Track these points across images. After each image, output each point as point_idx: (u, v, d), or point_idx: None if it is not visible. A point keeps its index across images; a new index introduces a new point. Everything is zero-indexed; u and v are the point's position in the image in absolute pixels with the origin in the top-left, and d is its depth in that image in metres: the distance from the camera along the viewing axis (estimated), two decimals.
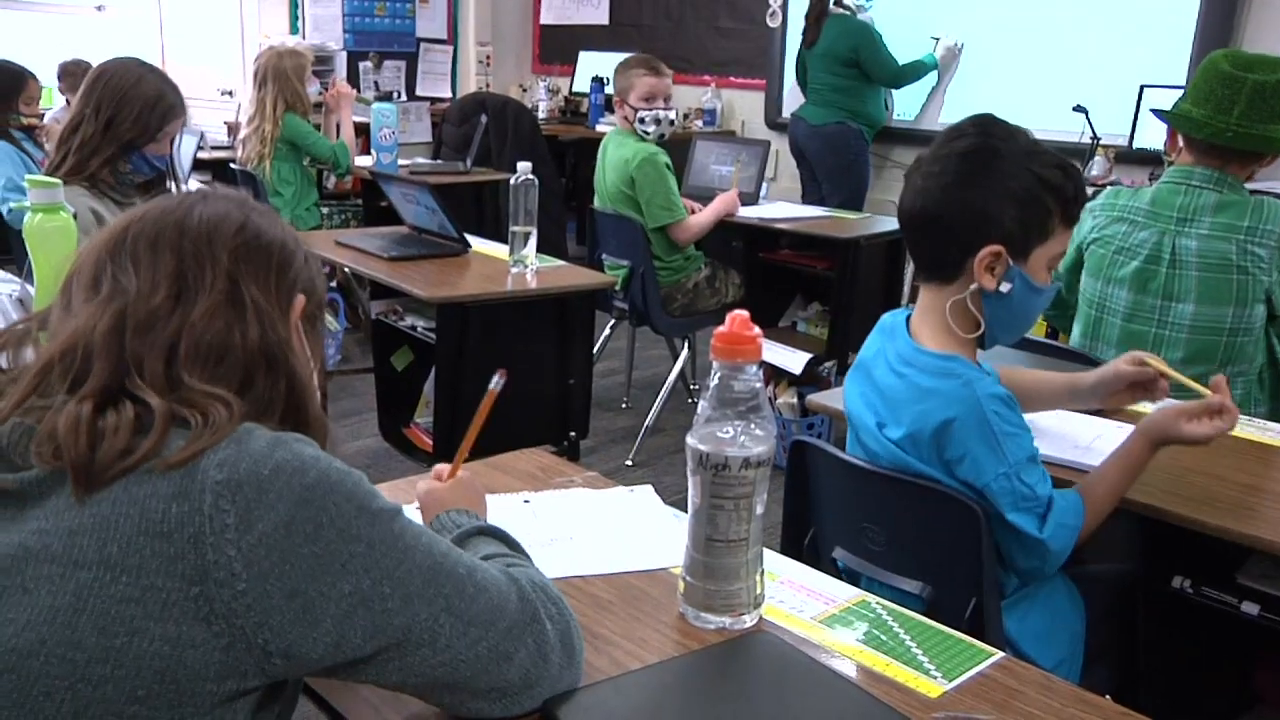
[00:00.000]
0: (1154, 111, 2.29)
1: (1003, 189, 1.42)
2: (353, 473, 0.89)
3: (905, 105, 5.22)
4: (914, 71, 4.91)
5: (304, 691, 1.06)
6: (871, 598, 1.24)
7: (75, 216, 1.82)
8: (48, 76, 4.98)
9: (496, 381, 1.25)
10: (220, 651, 0.82)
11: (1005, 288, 1.45)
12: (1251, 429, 1.84)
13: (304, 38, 6.41)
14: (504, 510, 1.42)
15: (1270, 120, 2.01)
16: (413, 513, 1.32)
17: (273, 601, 0.82)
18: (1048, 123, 4.87)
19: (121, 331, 0.90)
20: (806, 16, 4.92)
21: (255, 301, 0.95)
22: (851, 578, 1.55)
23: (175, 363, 0.90)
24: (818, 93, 4.93)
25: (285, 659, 0.84)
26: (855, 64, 4.77)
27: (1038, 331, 3.37)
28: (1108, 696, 1.09)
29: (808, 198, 5.07)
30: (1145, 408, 1.93)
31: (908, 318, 1.56)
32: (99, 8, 6.44)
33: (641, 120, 3.67)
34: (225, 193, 1.02)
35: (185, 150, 4.94)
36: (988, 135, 1.45)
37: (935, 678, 1.07)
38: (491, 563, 1.01)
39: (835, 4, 4.83)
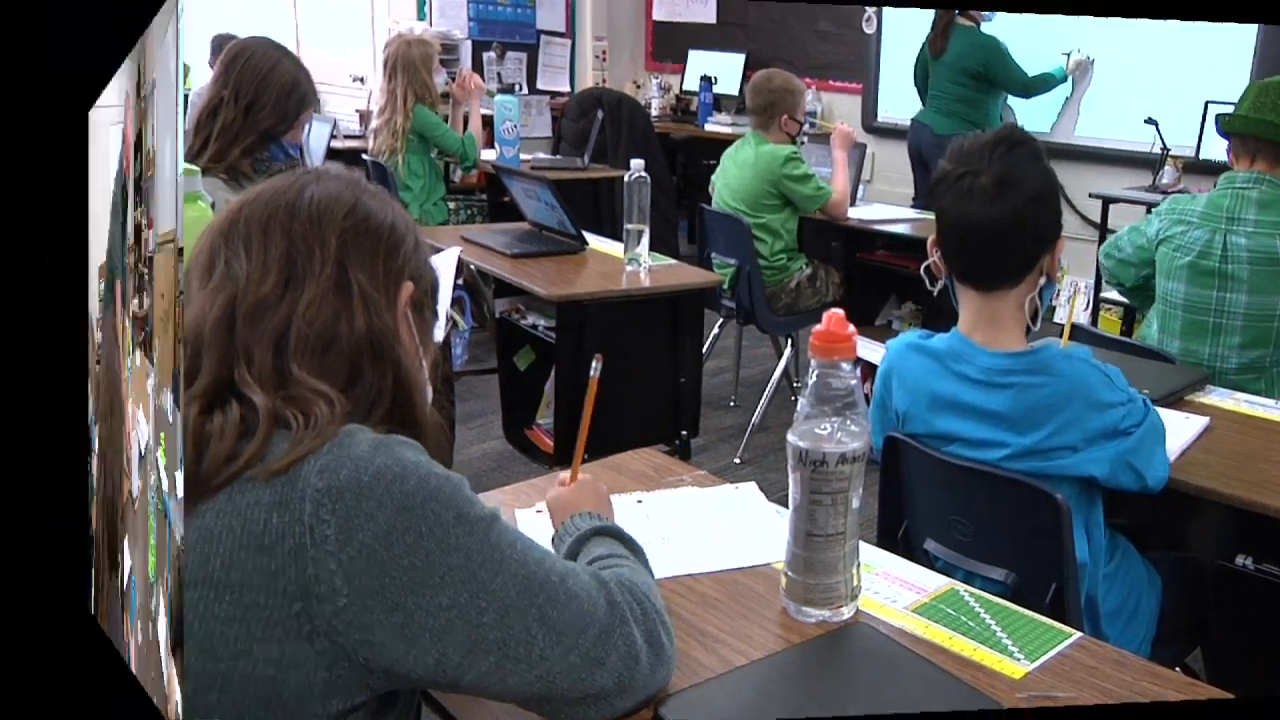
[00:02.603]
0: (1216, 126, 2.43)
1: (1054, 184, 1.56)
2: (452, 477, 0.87)
3: (1029, 119, 5.22)
4: (1043, 84, 4.97)
5: (423, 699, 1.06)
6: (960, 586, 1.31)
7: (213, 207, 1.77)
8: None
9: (596, 368, 1.25)
10: (324, 670, 0.80)
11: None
12: None
13: (430, 24, 6.37)
14: (619, 511, 1.50)
15: None
16: (528, 518, 1.40)
17: (374, 616, 0.80)
18: (1122, 133, 5.05)
19: (231, 321, 0.88)
20: (934, 25, 4.99)
21: (362, 288, 0.92)
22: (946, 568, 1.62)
23: (284, 354, 0.87)
24: (941, 100, 4.98)
25: (387, 675, 0.82)
26: (983, 77, 4.83)
27: (1112, 329, 3.49)
28: (1177, 669, 1.16)
29: (919, 200, 5.07)
30: (1210, 399, 2.01)
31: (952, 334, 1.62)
32: None
33: (805, 131, 3.88)
34: (338, 172, 1.00)
35: (318, 138, 4.89)
36: (1027, 138, 1.55)
37: (1019, 659, 1.14)
38: (587, 565, 1.00)
39: (960, 15, 4.88)
